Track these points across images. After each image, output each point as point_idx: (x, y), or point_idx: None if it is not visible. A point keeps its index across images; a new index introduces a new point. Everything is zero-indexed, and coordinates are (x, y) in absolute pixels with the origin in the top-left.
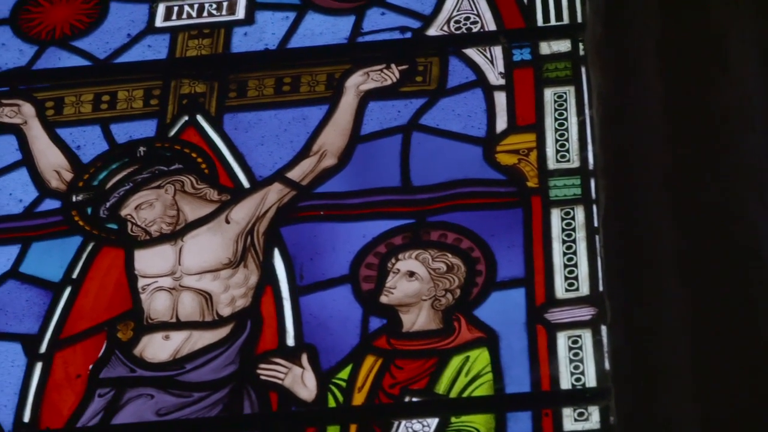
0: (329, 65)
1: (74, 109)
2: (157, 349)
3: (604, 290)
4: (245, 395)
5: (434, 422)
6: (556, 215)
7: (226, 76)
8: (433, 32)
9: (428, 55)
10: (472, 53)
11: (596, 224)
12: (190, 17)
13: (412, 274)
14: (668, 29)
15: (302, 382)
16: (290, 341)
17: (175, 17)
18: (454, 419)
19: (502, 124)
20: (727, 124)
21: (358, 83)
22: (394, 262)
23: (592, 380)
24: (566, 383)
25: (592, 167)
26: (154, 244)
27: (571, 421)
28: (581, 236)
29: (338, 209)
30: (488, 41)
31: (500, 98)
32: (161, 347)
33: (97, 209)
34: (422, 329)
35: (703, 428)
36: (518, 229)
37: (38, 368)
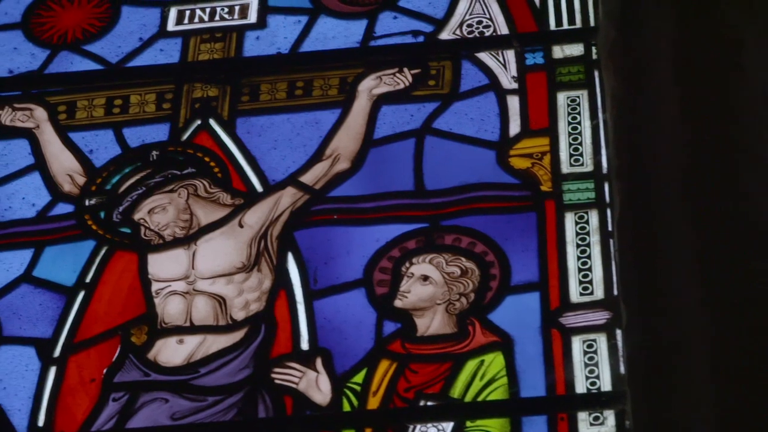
0: (342, 69)
1: (87, 113)
2: (171, 353)
3: (618, 294)
4: (260, 399)
5: (449, 426)
6: (570, 219)
7: (238, 80)
8: (445, 36)
9: (441, 58)
10: (485, 57)
11: (610, 228)
12: (202, 21)
13: (426, 278)
14: (682, 32)
15: (317, 386)
16: (304, 345)
17: (187, 21)
18: (469, 423)
19: (515, 128)
20: (742, 126)
21: (370, 87)
22: (408, 266)
23: (607, 384)
24: (581, 387)
25: (605, 171)
26: (167, 248)
27: (586, 425)
28: (595, 240)
29: (352, 213)
30: (501, 45)
31: (513, 102)
32: (175, 351)
33: (110, 213)
34: (437, 333)
35: None
36: (532, 233)
37: (52, 372)
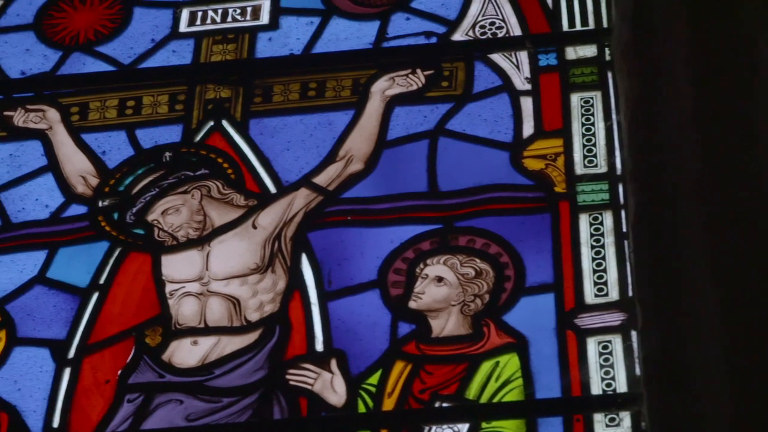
0: (355, 70)
1: (99, 114)
2: (185, 354)
3: (634, 295)
4: (275, 400)
5: (465, 427)
6: (584, 220)
7: (251, 81)
8: (458, 37)
9: (454, 60)
10: (498, 58)
11: (625, 229)
12: (214, 22)
13: (440, 279)
14: (696, 33)
15: (332, 387)
16: (319, 346)
17: (199, 22)
18: (484, 424)
19: (528, 129)
20: (757, 127)
21: (383, 88)
22: (422, 267)
23: (622, 386)
24: (597, 389)
25: (620, 172)
26: (181, 249)
27: (602, 426)
28: (610, 241)
29: (366, 214)
30: (514, 46)
31: (527, 103)
32: (190, 353)
33: (123, 214)
34: (451, 334)
35: None
36: (546, 234)
37: (67, 374)
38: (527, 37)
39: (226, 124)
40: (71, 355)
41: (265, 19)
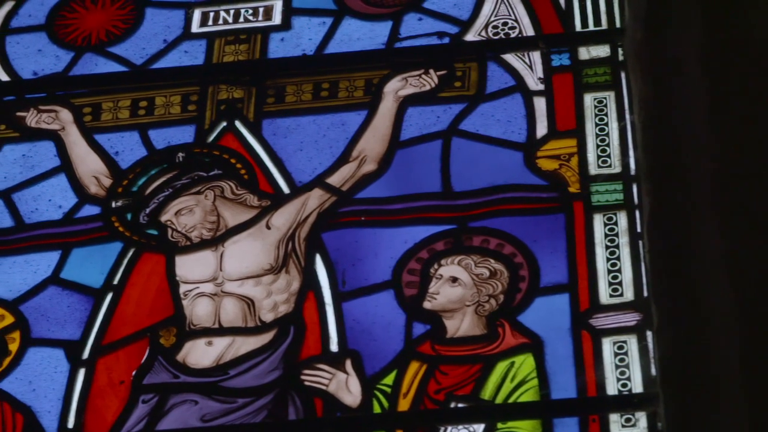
0: (367, 71)
1: (112, 114)
2: (200, 355)
3: (649, 296)
4: (290, 401)
5: (480, 428)
6: (598, 221)
7: (264, 81)
8: (470, 38)
9: (467, 60)
10: (510, 58)
11: (639, 229)
12: (226, 23)
13: (455, 279)
14: (710, 33)
15: (347, 387)
16: (334, 347)
17: (211, 23)
18: (500, 425)
19: (542, 129)
20: None
21: (396, 89)
22: (436, 267)
23: (638, 386)
24: (612, 389)
25: (634, 173)
26: (195, 249)
27: (618, 426)
28: (624, 242)
29: (379, 215)
30: (527, 46)
31: (540, 103)
32: (204, 353)
33: (136, 215)
34: (466, 335)
35: None
36: (561, 234)
37: (81, 374)
38: (540, 37)
39: (239, 124)
40: (85, 355)
41: (277, 19)
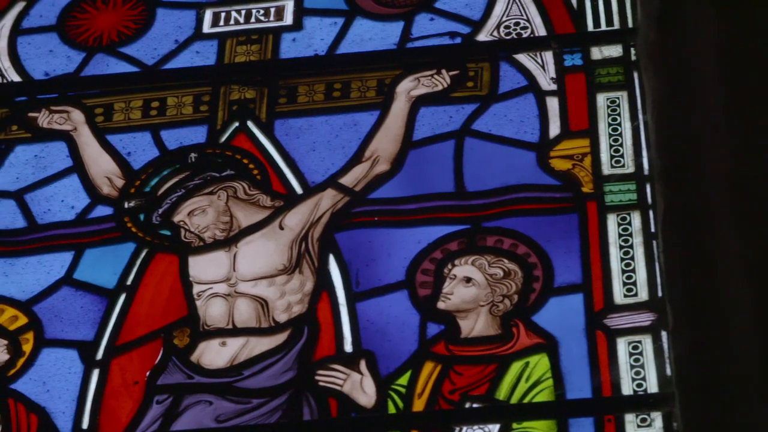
0: (379, 71)
1: (124, 115)
2: (214, 355)
3: (664, 296)
4: (304, 401)
5: (496, 428)
6: (612, 221)
7: (275, 81)
8: (482, 38)
9: (479, 60)
10: (523, 58)
11: (653, 229)
12: (237, 23)
13: (468, 279)
14: (725, 32)
15: (361, 388)
16: (348, 347)
17: (222, 23)
18: (515, 425)
19: (555, 129)
20: None
21: (408, 89)
22: (450, 267)
23: (653, 386)
24: (627, 389)
25: (647, 172)
26: (208, 250)
27: (633, 427)
28: (638, 242)
29: (393, 215)
30: (539, 46)
31: (552, 103)
32: (218, 354)
33: (149, 216)
34: (481, 335)
35: None
36: (574, 234)
37: (95, 375)
38: (553, 37)
39: (251, 124)
40: (99, 356)
41: (288, 19)
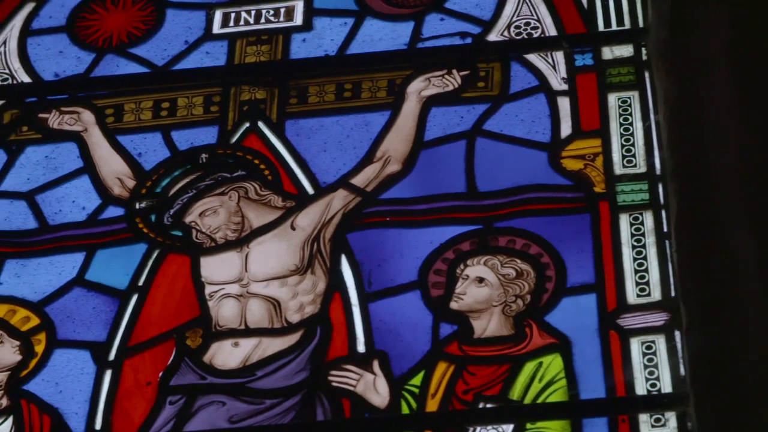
0: (390, 71)
1: (134, 116)
2: (226, 356)
3: (677, 295)
4: (318, 402)
5: (509, 428)
6: (624, 220)
7: (286, 82)
8: (493, 38)
9: (490, 60)
10: (534, 58)
11: (666, 229)
12: (247, 24)
13: (481, 280)
14: (737, 31)
15: (374, 388)
16: (361, 348)
17: (232, 24)
18: (529, 425)
19: (566, 129)
20: None
21: (419, 89)
22: (462, 268)
23: (667, 386)
24: (641, 389)
25: (659, 172)
26: (219, 251)
27: (647, 427)
28: (651, 241)
29: (404, 215)
30: (550, 46)
31: (564, 103)
32: (231, 354)
33: (161, 216)
34: (494, 335)
35: None
36: (587, 234)
37: (108, 376)
38: (564, 37)
39: (262, 125)
40: (112, 357)
41: (298, 20)
